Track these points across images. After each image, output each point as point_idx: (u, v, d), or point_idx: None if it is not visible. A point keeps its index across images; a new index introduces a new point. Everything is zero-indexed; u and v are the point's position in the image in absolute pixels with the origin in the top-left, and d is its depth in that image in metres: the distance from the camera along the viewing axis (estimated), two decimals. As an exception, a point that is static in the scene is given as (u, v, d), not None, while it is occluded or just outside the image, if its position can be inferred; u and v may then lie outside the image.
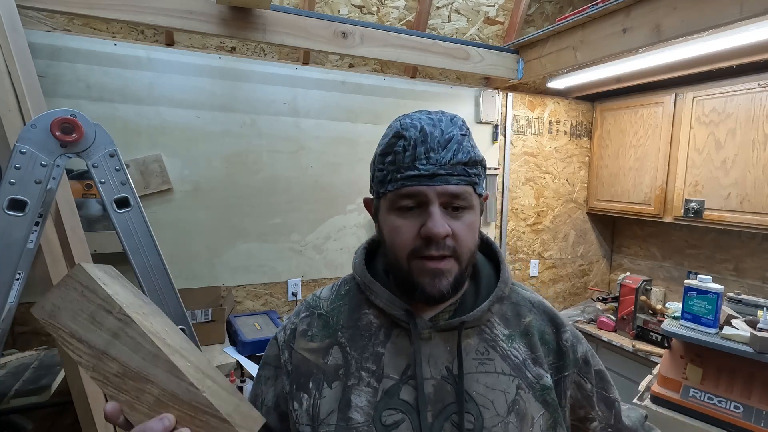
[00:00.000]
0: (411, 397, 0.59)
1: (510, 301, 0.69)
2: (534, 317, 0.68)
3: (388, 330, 0.64)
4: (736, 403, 1.32)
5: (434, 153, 0.57)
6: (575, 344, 0.68)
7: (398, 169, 0.58)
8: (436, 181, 0.57)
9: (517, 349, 0.64)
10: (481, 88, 2.57)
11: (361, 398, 0.59)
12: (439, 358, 0.61)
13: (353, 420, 0.58)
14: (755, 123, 2.03)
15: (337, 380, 0.62)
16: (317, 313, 0.69)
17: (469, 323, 0.63)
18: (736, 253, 2.42)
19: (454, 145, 0.58)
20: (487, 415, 0.59)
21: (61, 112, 0.83)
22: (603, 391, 0.71)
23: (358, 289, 0.68)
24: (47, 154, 0.82)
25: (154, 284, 0.92)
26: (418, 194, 0.57)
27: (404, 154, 0.58)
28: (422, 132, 0.58)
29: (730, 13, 1.49)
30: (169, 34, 1.89)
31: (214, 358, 1.78)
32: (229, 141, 2.02)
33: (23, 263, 0.85)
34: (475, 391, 0.60)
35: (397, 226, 0.59)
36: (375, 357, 0.62)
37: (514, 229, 2.76)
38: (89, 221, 1.65)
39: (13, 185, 0.80)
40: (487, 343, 0.63)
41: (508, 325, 0.66)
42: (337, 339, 0.65)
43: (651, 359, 2.17)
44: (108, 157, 0.89)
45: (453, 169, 0.58)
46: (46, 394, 1.33)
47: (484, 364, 0.62)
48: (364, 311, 0.66)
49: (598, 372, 0.70)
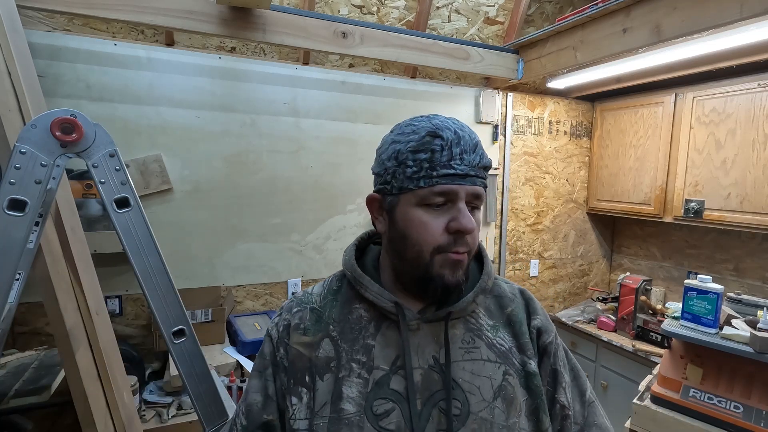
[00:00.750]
0: (401, 386, 0.62)
1: (493, 294, 0.73)
2: (515, 306, 0.72)
3: (378, 323, 0.66)
4: (736, 403, 1.32)
5: (467, 155, 0.61)
6: (541, 334, 0.70)
7: (434, 167, 0.60)
8: (467, 181, 0.61)
9: (502, 338, 0.68)
10: (481, 88, 2.57)
11: (352, 389, 0.62)
12: (427, 348, 0.64)
13: (345, 411, 0.60)
14: (755, 123, 2.03)
15: (328, 372, 0.64)
16: (309, 307, 0.71)
17: (455, 314, 0.66)
18: (736, 253, 2.42)
19: (480, 150, 0.63)
20: (473, 401, 0.62)
21: (61, 112, 0.83)
22: (552, 390, 0.69)
23: (349, 285, 0.70)
24: (47, 154, 0.82)
25: (154, 284, 0.92)
26: (451, 192, 0.60)
27: (442, 153, 0.60)
28: (456, 134, 0.61)
29: (730, 13, 1.49)
30: (169, 34, 1.89)
31: (214, 358, 1.78)
32: (229, 141, 2.02)
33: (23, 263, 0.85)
34: (461, 378, 0.63)
35: (424, 222, 0.61)
36: (365, 349, 0.64)
37: (514, 229, 2.76)
38: (89, 221, 1.65)
39: (13, 185, 0.80)
40: (472, 332, 0.67)
41: (491, 316, 0.70)
42: (328, 332, 0.67)
43: (651, 359, 2.17)
44: (108, 157, 0.88)
45: (479, 171, 0.62)
46: (46, 394, 1.32)
47: (470, 352, 0.65)
48: (354, 305, 0.68)
49: (554, 371, 0.69)
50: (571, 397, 0.70)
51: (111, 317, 1.47)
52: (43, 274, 1.04)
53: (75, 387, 1.09)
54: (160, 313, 0.93)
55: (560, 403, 0.68)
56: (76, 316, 1.14)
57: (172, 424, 1.54)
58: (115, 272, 1.86)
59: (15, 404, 1.28)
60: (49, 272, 1.04)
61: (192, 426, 1.54)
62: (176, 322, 0.94)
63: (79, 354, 1.10)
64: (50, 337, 1.75)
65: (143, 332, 1.94)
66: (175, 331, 0.94)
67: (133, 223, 0.91)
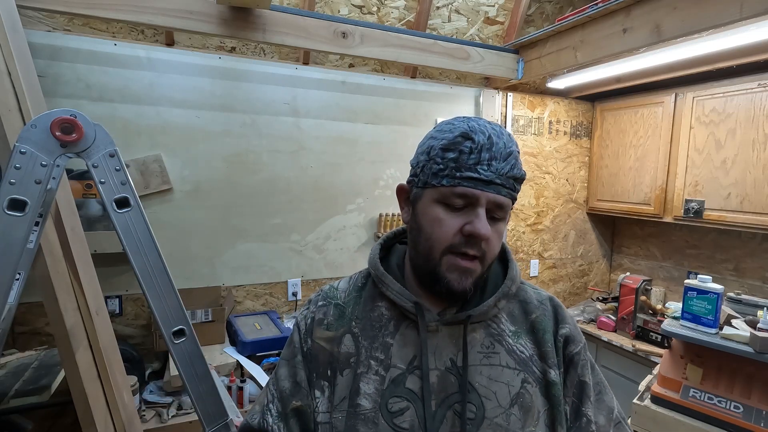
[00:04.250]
0: (416, 386, 0.62)
1: (518, 299, 0.71)
2: (540, 313, 0.70)
3: (398, 322, 0.67)
4: (736, 403, 1.32)
5: (496, 162, 0.60)
6: (569, 344, 0.68)
7: (459, 168, 0.60)
8: (491, 189, 0.60)
9: (523, 345, 0.66)
10: (481, 88, 2.57)
11: (369, 386, 0.62)
12: (445, 350, 0.64)
13: (361, 406, 0.61)
14: (755, 123, 2.03)
15: (348, 368, 0.65)
16: (334, 303, 0.72)
17: (475, 318, 0.65)
18: (736, 253, 2.42)
19: (513, 160, 0.61)
20: (489, 406, 0.61)
21: (61, 112, 0.83)
22: (578, 402, 0.67)
23: (373, 283, 0.71)
24: (47, 154, 0.82)
25: (154, 284, 0.92)
26: (471, 196, 0.60)
27: (469, 155, 0.60)
28: (489, 140, 0.60)
29: (730, 13, 1.49)
30: (169, 34, 1.89)
31: (214, 358, 1.78)
32: (229, 141, 2.02)
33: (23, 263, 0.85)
34: (478, 382, 0.62)
35: (440, 219, 0.61)
36: (384, 347, 0.65)
37: (514, 229, 2.76)
38: (89, 221, 1.65)
39: (13, 185, 0.80)
40: (492, 337, 0.66)
41: (514, 322, 0.68)
42: (350, 328, 0.68)
43: (651, 359, 2.17)
44: (108, 157, 0.88)
45: (506, 181, 0.61)
46: (46, 394, 1.32)
47: (488, 357, 0.64)
48: (377, 303, 0.69)
49: (581, 382, 0.67)
50: (596, 411, 0.67)
51: (111, 317, 1.47)
52: (43, 274, 1.04)
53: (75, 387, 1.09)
54: (160, 313, 0.93)
55: (586, 417, 0.65)
56: (76, 316, 1.14)
57: (172, 424, 1.54)
58: (115, 272, 1.86)
59: (15, 404, 1.28)
60: (49, 272, 1.04)
61: (192, 426, 1.54)
62: (176, 322, 0.94)
63: (79, 354, 1.10)
64: (50, 337, 1.75)
65: (143, 332, 1.94)
66: (175, 331, 0.94)
67: (133, 223, 0.91)
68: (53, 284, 1.05)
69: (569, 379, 0.67)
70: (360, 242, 2.36)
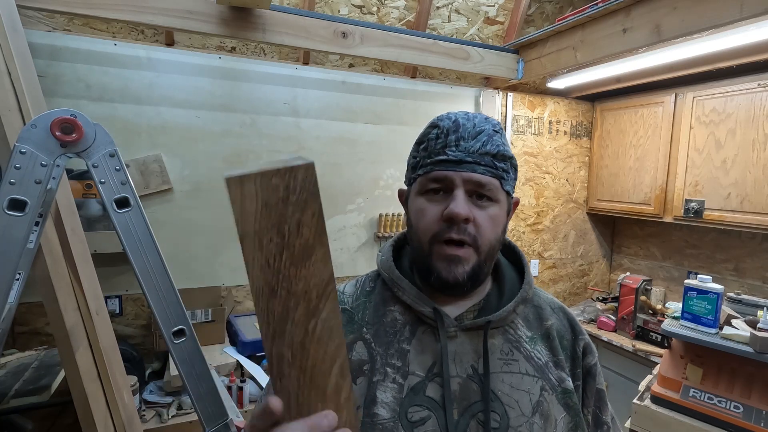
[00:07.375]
0: (437, 394, 0.60)
1: (532, 304, 0.70)
2: (555, 321, 0.70)
3: (414, 327, 0.64)
4: (736, 403, 1.32)
5: (464, 141, 0.60)
6: (587, 354, 0.69)
7: (429, 155, 0.61)
8: (463, 168, 0.59)
9: (539, 351, 0.65)
10: (481, 88, 2.57)
11: (387, 394, 0.60)
12: (465, 357, 0.62)
13: (379, 416, 0.58)
14: (755, 123, 2.03)
15: (362, 376, 0.62)
16: (341, 308, 0.69)
17: (494, 323, 0.63)
18: (736, 253, 2.42)
19: (484, 137, 0.60)
20: (512, 415, 0.60)
21: (61, 112, 0.83)
22: (597, 411, 0.69)
23: (384, 286, 0.69)
24: (47, 154, 0.82)
25: (154, 284, 0.92)
26: (445, 179, 0.60)
27: (436, 141, 0.61)
28: (455, 123, 0.61)
29: (730, 13, 1.49)
30: (169, 34, 1.89)
31: (214, 358, 1.78)
32: (229, 141, 2.02)
33: (23, 263, 0.85)
34: (500, 390, 0.61)
35: (422, 209, 0.62)
36: (400, 353, 0.62)
37: (514, 229, 2.76)
38: (89, 221, 1.65)
39: (13, 185, 0.80)
40: (511, 343, 0.64)
41: (530, 327, 0.67)
42: (361, 335, 0.65)
43: (651, 359, 2.17)
44: (108, 157, 0.88)
45: (481, 158, 0.60)
46: (46, 394, 1.33)
47: (509, 365, 0.63)
48: (389, 308, 0.66)
49: (599, 391, 0.69)
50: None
51: (111, 317, 1.47)
52: (43, 274, 1.04)
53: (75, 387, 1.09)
54: (160, 313, 0.93)
55: (607, 424, 0.68)
56: (76, 316, 1.14)
57: (172, 424, 1.54)
58: (115, 272, 1.86)
59: (15, 404, 1.28)
60: (49, 272, 1.04)
61: (192, 426, 1.54)
62: (176, 322, 0.94)
63: (79, 354, 1.10)
64: (50, 337, 1.75)
65: (143, 332, 1.94)
66: (175, 331, 0.94)
67: (133, 223, 0.91)
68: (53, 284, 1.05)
69: (588, 389, 0.68)
70: (360, 242, 2.36)
